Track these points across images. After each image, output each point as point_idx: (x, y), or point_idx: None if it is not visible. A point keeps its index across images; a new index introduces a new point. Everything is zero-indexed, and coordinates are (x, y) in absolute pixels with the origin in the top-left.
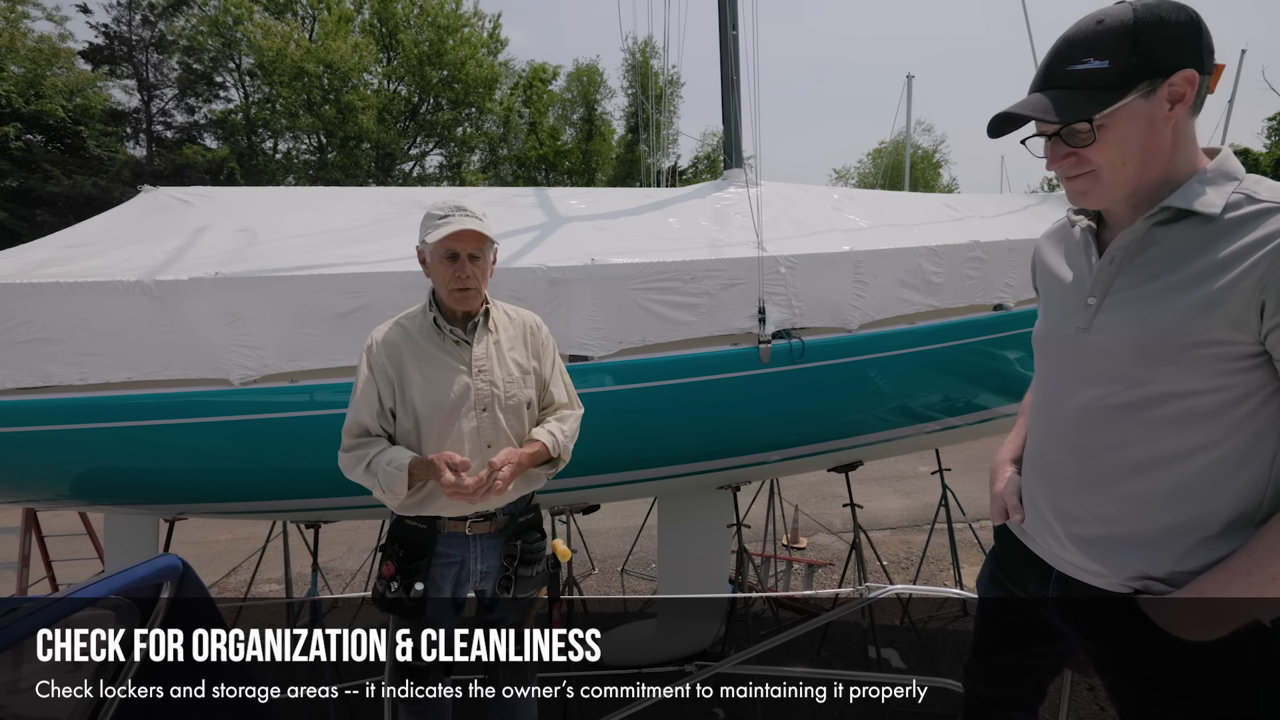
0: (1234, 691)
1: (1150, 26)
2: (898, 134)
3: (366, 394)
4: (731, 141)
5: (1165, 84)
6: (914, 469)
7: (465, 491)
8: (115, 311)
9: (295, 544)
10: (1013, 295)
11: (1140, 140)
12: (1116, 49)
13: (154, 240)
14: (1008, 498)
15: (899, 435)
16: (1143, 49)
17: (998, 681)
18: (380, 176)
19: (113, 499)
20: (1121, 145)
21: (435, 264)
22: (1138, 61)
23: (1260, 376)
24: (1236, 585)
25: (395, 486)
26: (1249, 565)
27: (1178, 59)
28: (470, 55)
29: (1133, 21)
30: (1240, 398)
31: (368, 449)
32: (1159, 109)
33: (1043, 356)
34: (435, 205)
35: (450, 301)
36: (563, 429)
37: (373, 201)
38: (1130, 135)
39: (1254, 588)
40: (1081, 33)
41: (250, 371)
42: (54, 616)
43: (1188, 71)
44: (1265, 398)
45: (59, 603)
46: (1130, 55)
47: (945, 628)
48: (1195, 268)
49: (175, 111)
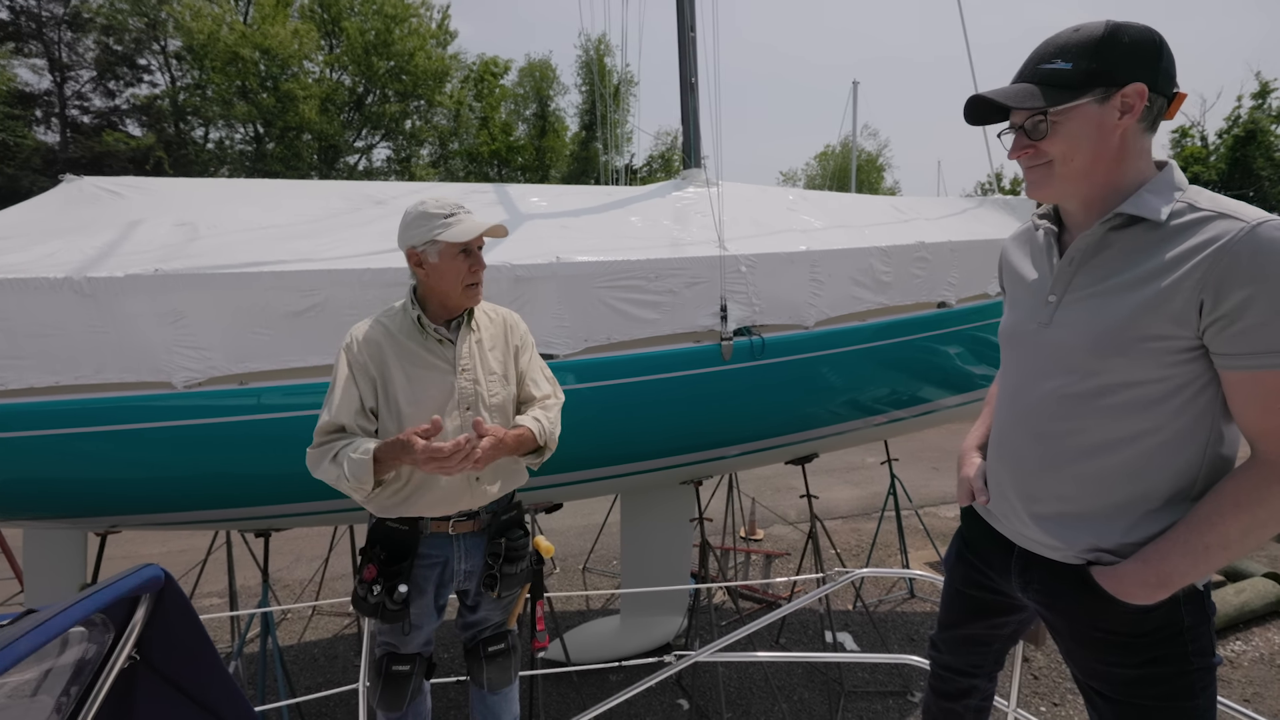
0: (1174, 649)
1: (1114, 41)
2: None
3: (346, 392)
4: (690, 142)
5: (1118, 94)
6: (862, 460)
7: (441, 457)
8: (40, 311)
9: (239, 554)
10: (955, 293)
11: (1089, 141)
12: (1080, 55)
13: (81, 234)
14: (974, 481)
15: (852, 428)
16: (1102, 58)
17: (962, 652)
18: (324, 169)
19: (38, 513)
20: (1071, 141)
21: (446, 262)
22: (1096, 68)
23: (1198, 368)
24: (1175, 554)
25: (361, 475)
26: (1185, 535)
27: (1132, 73)
28: (419, 46)
29: (1101, 34)
30: (1180, 386)
31: (335, 443)
32: (1109, 116)
33: (1008, 350)
34: (430, 204)
35: (463, 299)
36: (548, 416)
37: (323, 195)
38: (1080, 134)
39: (1190, 556)
40: (1059, 37)
41: (195, 374)
42: (36, 644)
43: (1138, 85)
44: (1201, 386)
45: (41, 627)
46: (1091, 61)
47: (894, 610)
48: (1143, 269)
49: (93, 95)
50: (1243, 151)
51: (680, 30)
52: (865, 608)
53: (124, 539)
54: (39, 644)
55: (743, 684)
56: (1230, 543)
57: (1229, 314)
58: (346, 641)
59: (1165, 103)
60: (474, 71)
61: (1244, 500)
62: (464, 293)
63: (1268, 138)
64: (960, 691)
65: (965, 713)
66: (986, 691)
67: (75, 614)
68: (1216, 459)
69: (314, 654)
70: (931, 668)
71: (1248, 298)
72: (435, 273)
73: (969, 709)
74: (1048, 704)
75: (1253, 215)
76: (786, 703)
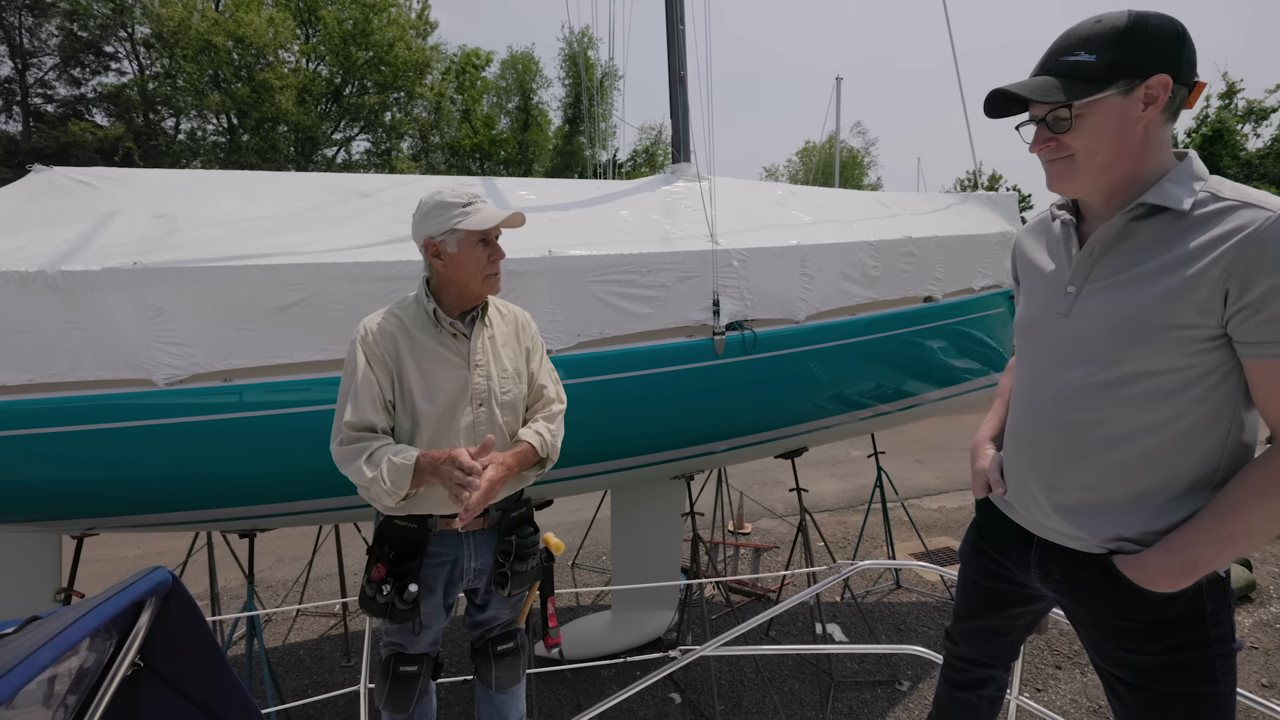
0: (1196, 635)
1: (1138, 31)
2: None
3: (367, 385)
4: (680, 136)
5: (1142, 85)
6: (847, 453)
7: (469, 504)
8: (10, 306)
9: (221, 555)
10: (940, 288)
11: (1113, 134)
12: (1104, 47)
13: (52, 226)
14: (990, 473)
15: (841, 422)
16: (1126, 50)
17: (979, 643)
18: (301, 162)
19: (11, 516)
20: (1095, 135)
21: (465, 251)
22: (1120, 60)
23: (1220, 356)
24: (1200, 542)
25: (401, 482)
26: (1210, 523)
27: (1157, 64)
28: (399, 37)
29: (1124, 25)
30: (1203, 375)
31: (370, 442)
32: (1134, 108)
33: (1024, 341)
34: (447, 193)
35: (484, 288)
36: (550, 428)
37: (306, 188)
38: (1104, 127)
39: (1214, 544)
40: (1081, 29)
41: (177, 371)
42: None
43: (1163, 76)
44: (1224, 375)
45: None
46: (1114, 53)
47: (881, 600)
48: (1167, 258)
49: (57, 83)
50: (1210, 150)
51: (669, 23)
52: (854, 599)
53: (100, 541)
54: (58, 654)
55: (734, 676)
56: (1254, 530)
57: (1254, 303)
58: (333, 642)
59: (1186, 92)
60: (455, 63)
61: (1269, 488)
62: (484, 282)
63: (1234, 137)
64: (976, 682)
65: (980, 703)
66: (1001, 681)
67: (91, 622)
68: (1238, 446)
69: (300, 656)
70: (945, 659)
71: (1273, 287)
72: (454, 263)
73: (984, 699)
74: (1030, 690)
75: (1278, 204)
76: (778, 694)
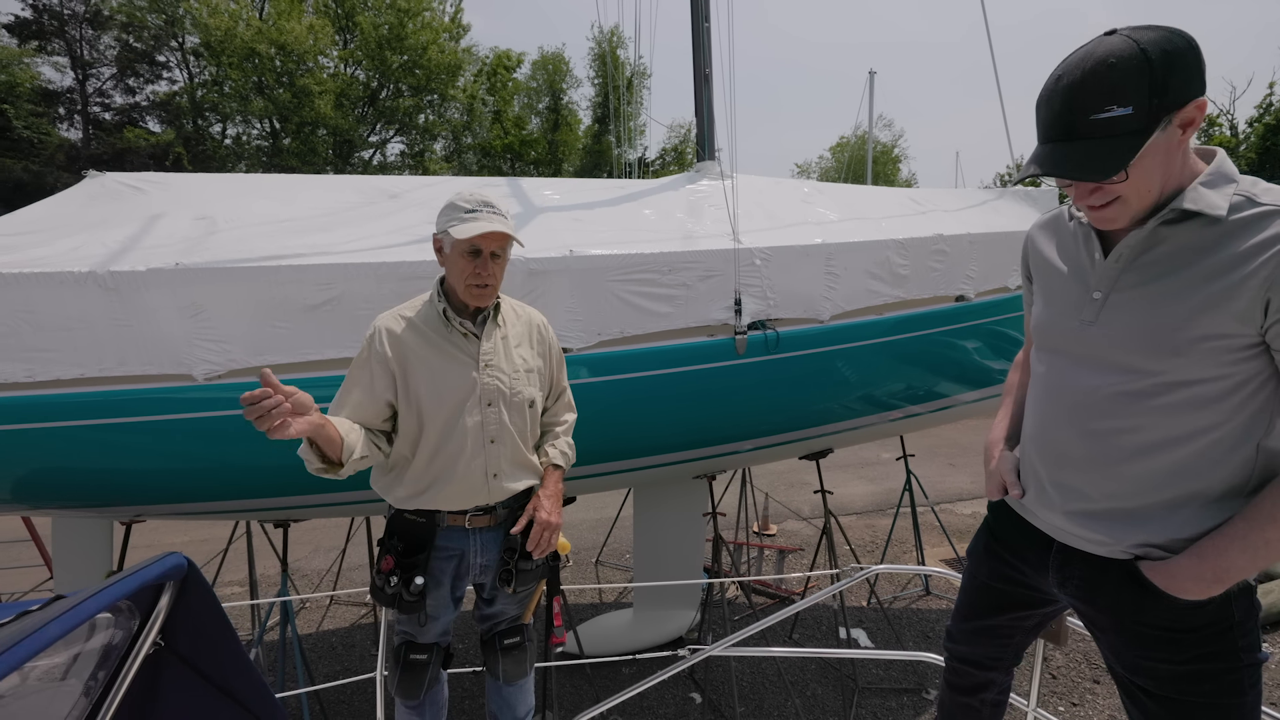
0: (1224, 644)
1: (1165, 65)
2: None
3: (355, 383)
4: (704, 134)
5: (1179, 113)
6: (877, 455)
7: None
8: (65, 304)
9: (259, 544)
10: (973, 287)
11: (1161, 168)
12: (1138, 93)
13: (104, 228)
14: (1005, 475)
15: (867, 423)
16: (1162, 89)
17: (981, 644)
18: (339, 164)
19: (66, 502)
20: (1148, 177)
21: (455, 257)
22: (1160, 103)
23: (1258, 365)
24: (1234, 549)
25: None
26: (1245, 530)
27: (1188, 91)
28: (433, 40)
29: (1146, 62)
30: (1240, 384)
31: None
32: (1173, 136)
33: (1044, 343)
34: (460, 196)
35: (466, 296)
36: (569, 443)
37: (337, 189)
38: (1154, 167)
39: (1249, 551)
40: (1096, 78)
41: (215, 366)
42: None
43: (1199, 100)
44: (1261, 383)
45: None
46: (1152, 98)
47: (910, 606)
48: (1203, 266)
49: (114, 92)
50: (1274, 140)
51: (694, 21)
52: (880, 604)
53: (148, 528)
54: (68, 629)
55: (756, 678)
56: None
57: None
58: (364, 631)
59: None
60: (487, 65)
61: None
62: (466, 290)
63: None
64: (977, 685)
65: (982, 707)
66: (1003, 685)
67: (102, 600)
68: (1270, 454)
69: (332, 642)
70: (946, 661)
71: None
72: (447, 263)
73: (985, 703)
74: (1066, 704)
75: None
76: (800, 698)
